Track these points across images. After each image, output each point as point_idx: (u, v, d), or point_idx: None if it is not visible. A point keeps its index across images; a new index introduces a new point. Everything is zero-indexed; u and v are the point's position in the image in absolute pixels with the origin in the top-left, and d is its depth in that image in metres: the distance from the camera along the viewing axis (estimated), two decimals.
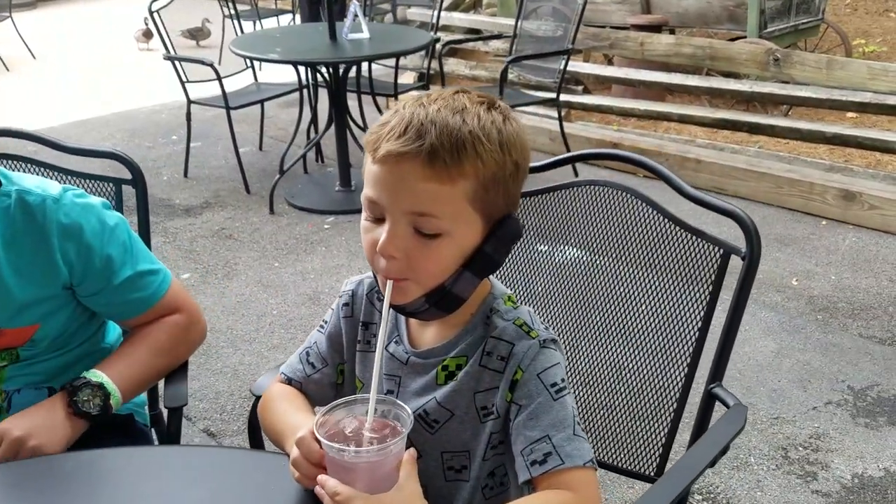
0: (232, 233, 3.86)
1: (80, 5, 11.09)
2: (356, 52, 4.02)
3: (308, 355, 1.16)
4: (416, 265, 0.96)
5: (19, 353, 1.29)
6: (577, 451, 0.97)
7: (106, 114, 5.81)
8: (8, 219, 1.23)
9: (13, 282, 1.23)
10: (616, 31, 5.51)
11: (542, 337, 1.02)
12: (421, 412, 1.04)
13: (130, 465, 1.11)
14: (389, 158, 0.93)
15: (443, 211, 0.94)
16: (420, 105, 0.96)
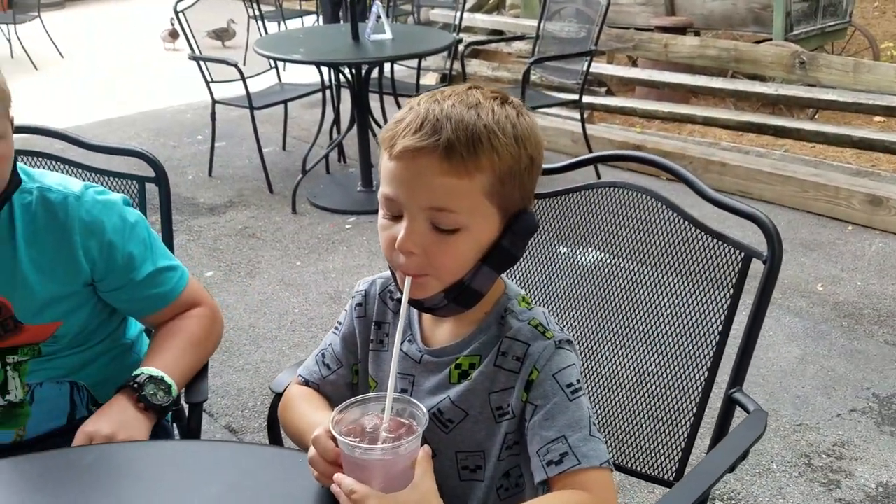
0: (255, 232, 3.89)
1: (108, 5, 11.24)
2: (379, 53, 4.03)
3: (324, 357, 1.17)
4: (435, 261, 0.96)
5: (41, 349, 1.30)
6: (593, 452, 0.96)
7: (132, 113, 5.88)
8: (30, 216, 1.25)
9: (35, 279, 1.25)
10: (640, 33, 5.48)
11: (557, 338, 1.01)
12: (435, 411, 1.04)
13: (151, 458, 1.12)
14: (406, 154, 0.94)
15: (460, 205, 0.94)
16: (435, 101, 0.97)
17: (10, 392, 1.29)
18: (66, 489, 1.04)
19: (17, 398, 1.30)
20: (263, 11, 5.61)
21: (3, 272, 1.24)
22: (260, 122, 4.38)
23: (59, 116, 5.68)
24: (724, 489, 2.18)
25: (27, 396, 1.31)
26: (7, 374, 1.29)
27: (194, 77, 4.42)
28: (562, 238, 1.53)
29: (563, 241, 1.53)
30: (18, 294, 1.25)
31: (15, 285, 1.24)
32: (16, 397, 1.30)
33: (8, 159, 1.20)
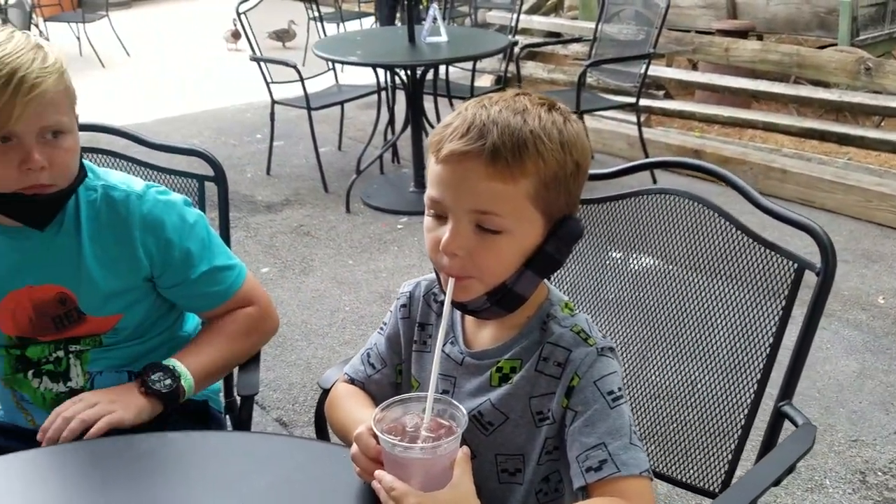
0: (310, 230, 3.96)
1: (173, 5, 11.55)
2: (434, 55, 4.07)
3: (369, 356, 1.19)
4: (479, 263, 0.97)
5: (102, 340, 1.36)
6: (632, 460, 0.96)
7: (195, 111, 6.04)
8: (94, 212, 1.31)
9: (98, 273, 1.30)
10: (700, 36, 5.40)
11: (599, 345, 1.02)
12: (476, 413, 1.05)
13: (202, 448, 1.16)
14: (452, 158, 0.95)
15: (504, 209, 0.95)
16: (482, 106, 0.98)
17: (72, 379, 1.35)
18: (119, 474, 1.08)
19: (77, 385, 1.36)
20: (323, 13, 5.70)
21: (69, 266, 1.30)
22: (317, 122, 4.46)
23: (124, 113, 5.87)
24: (774, 502, 2.14)
25: (87, 383, 1.36)
26: (69, 362, 1.35)
27: (255, 77, 4.52)
28: (614, 243, 1.52)
29: (616, 245, 1.52)
30: (83, 287, 1.30)
31: (80, 279, 1.30)
32: (77, 384, 1.36)
33: (75, 153, 1.26)
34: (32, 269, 1.29)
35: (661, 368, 1.46)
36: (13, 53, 1.15)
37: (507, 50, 4.46)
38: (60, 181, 1.24)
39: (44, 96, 1.16)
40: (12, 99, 1.13)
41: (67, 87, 1.23)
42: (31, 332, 1.32)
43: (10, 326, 1.31)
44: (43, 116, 1.18)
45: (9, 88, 1.13)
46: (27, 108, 1.14)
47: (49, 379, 1.35)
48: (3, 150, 1.17)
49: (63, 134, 1.22)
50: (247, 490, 1.03)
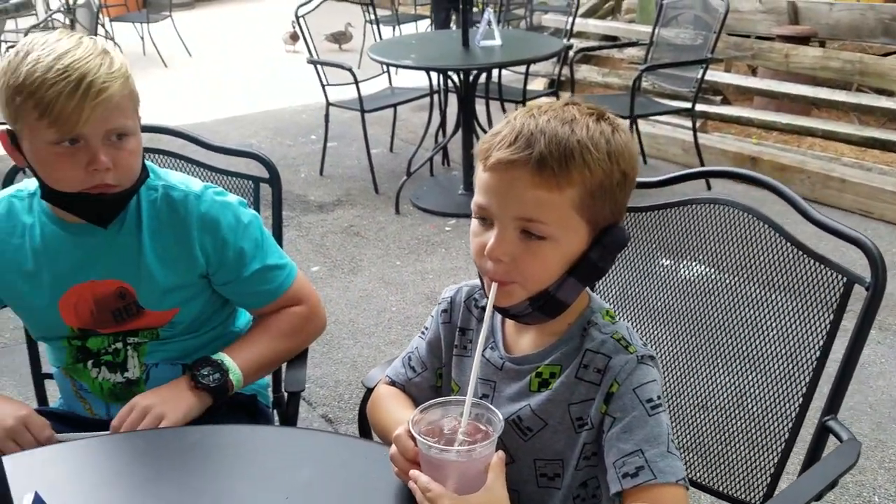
0: (359, 230, 4.02)
1: (235, 6, 11.80)
2: (487, 59, 4.09)
3: (410, 360, 1.22)
4: (523, 269, 0.99)
5: (159, 333, 1.41)
6: (669, 468, 0.97)
7: (253, 112, 6.18)
8: (154, 211, 1.36)
9: (157, 269, 1.36)
10: (760, 42, 5.30)
11: (639, 352, 1.02)
12: (515, 418, 1.07)
13: (248, 441, 1.20)
14: (499, 166, 0.97)
15: (549, 217, 0.97)
16: (531, 116, 1.00)
17: (129, 370, 1.41)
18: (169, 464, 1.13)
19: (134, 376, 1.41)
20: (379, 16, 5.77)
21: (130, 262, 1.35)
22: (370, 123, 4.52)
23: (185, 113, 6.04)
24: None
25: (143, 375, 1.42)
26: (127, 354, 1.41)
27: (312, 79, 4.60)
28: (664, 250, 1.52)
29: (666, 253, 1.52)
30: (142, 282, 1.36)
31: (139, 274, 1.36)
32: (133, 375, 1.41)
33: (138, 154, 1.31)
34: (95, 264, 1.35)
35: (706, 378, 1.45)
36: (82, 59, 1.20)
37: (562, 53, 4.45)
38: (124, 181, 1.29)
39: (110, 100, 1.21)
40: (81, 103, 1.18)
41: (132, 90, 1.28)
42: (92, 324, 1.38)
43: (73, 319, 1.38)
44: (109, 120, 1.23)
45: (78, 92, 1.18)
46: (95, 111, 1.20)
47: (107, 369, 1.41)
48: (72, 151, 1.23)
49: (127, 136, 1.27)
50: (289, 483, 1.06)
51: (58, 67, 1.18)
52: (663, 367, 1.50)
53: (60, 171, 1.24)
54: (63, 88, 1.17)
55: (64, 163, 1.23)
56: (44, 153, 1.23)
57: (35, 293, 1.36)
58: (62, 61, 1.19)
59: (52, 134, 1.20)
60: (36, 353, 1.67)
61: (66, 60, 1.19)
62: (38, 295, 1.36)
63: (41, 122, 1.19)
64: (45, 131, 1.20)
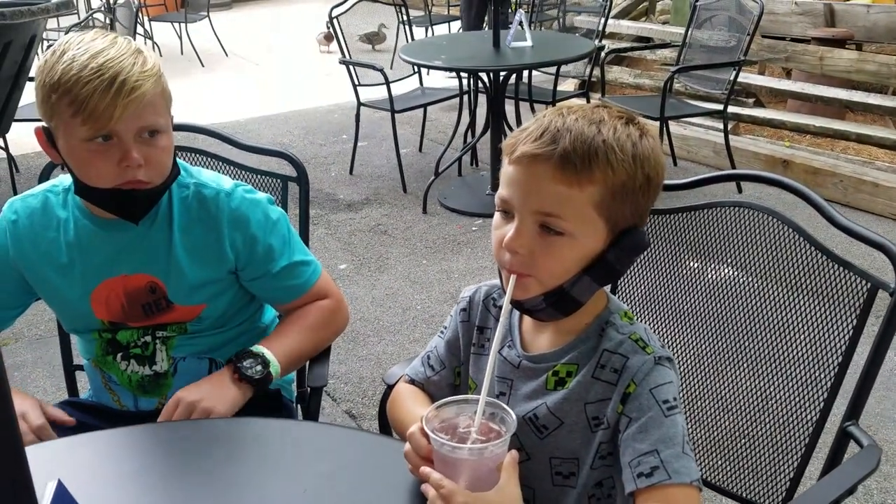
0: (387, 229, 4.05)
1: (272, 7, 11.92)
2: (517, 60, 4.08)
3: (429, 359, 1.23)
4: (539, 263, 1.00)
5: (188, 327, 1.45)
6: (684, 469, 0.97)
7: (286, 111, 6.24)
8: (185, 207, 1.40)
9: (187, 265, 1.39)
10: (794, 44, 5.23)
11: (656, 353, 1.03)
12: (531, 416, 1.08)
13: (270, 434, 1.22)
14: (524, 159, 0.99)
15: (568, 213, 0.98)
16: (559, 115, 1.01)
17: (157, 363, 1.45)
18: (194, 454, 1.16)
19: (161, 369, 1.45)
20: (412, 17, 5.80)
21: (160, 258, 1.39)
22: (400, 123, 4.54)
23: (221, 111, 6.12)
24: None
25: (171, 368, 1.45)
26: (156, 347, 1.44)
27: (344, 79, 4.64)
28: (690, 252, 1.52)
29: (691, 255, 1.52)
30: (172, 277, 1.39)
31: (169, 269, 1.39)
32: (161, 368, 1.45)
33: (170, 152, 1.34)
34: (126, 259, 1.39)
35: (729, 380, 1.45)
36: (116, 58, 1.24)
37: (593, 54, 4.43)
38: (155, 178, 1.32)
39: (142, 98, 1.25)
40: (114, 100, 1.22)
41: (164, 89, 1.32)
42: (123, 318, 1.42)
43: (104, 312, 1.41)
44: (141, 117, 1.26)
45: (111, 90, 1.21)
46: (127, 108, 1.23)
47: (136, 362, 1.45)
48: (105, 147, 1.26)
49: (159, 134, 1.30)
50: (308, 476, 1.08)
51: (92, 66, 1.21)
52: (687, 369, 1.50)
53: (93, 167, 1.28)
54: (97, 86, 1.21)
55: (97, 159, 1.26)
56: (78, 150, 1.27)
57: (68, 286, 1.40)
58: (96, 60, 1.22)
59: (86, 131, 1.24)
60: (68, 345, 1.72)
61: (100, 59, 1.22)
62: (70, 288, 1.40)
63: (75, 120, 1.23)
64: (78, 128, 1.24)
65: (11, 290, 1.44)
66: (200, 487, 1.08)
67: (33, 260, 1.40)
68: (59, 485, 0.71)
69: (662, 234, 1.54)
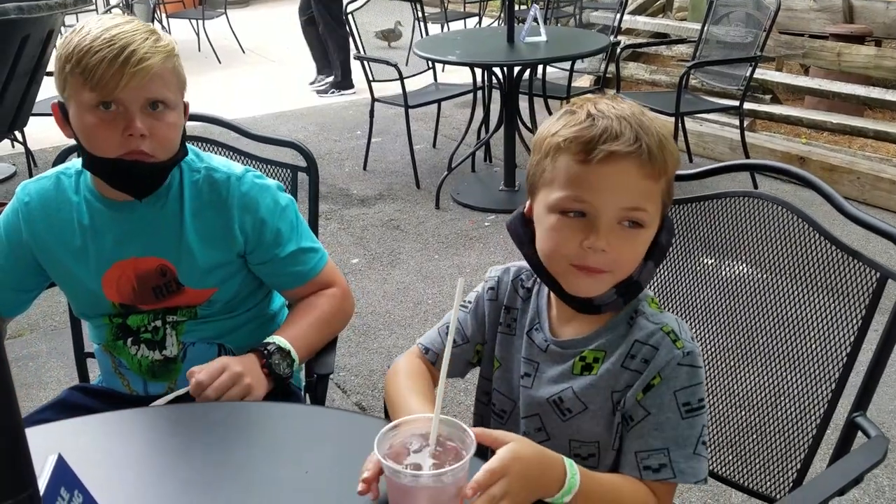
0: (399, 224, 4.05)
1: (288, 4, 11.93)
2: (531, 55, 4.08)
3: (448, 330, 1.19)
4: (619, 257, 1.00)
5: (198, 311, 1.46)
6: (690, 470, 0.99)
7: (302, 107, 6.27)
8: (196, 191, 1.41)
9: (198, 248, 1.40)
10: (811, 40, 5.19)
11: (686, 349, 1.03)
12: (556, 399, 1.08)
13: (274, 418, 1.24)
14: (611, 158, 0.97)
15: (648, 205, 1.00)
16: (611, 107, 1.01)
17: (167, 348, 1.46)
18: (198, 438, 1.17)
19: (171, 354, 1.46)
20: (428, 14, 5.81)
21: (171, 240, 1.40)
22: (414, 119, 4.55)
23: (237, 107, 6.15)
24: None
25: (181, 353, 1.46)
26: (166, 332, 1.45)
27: (358, 76, 4.65)
28: (703, 247, 1.52)
29: (704, 249, 1.52)
30: (182, 260, 1.41)
31: (180, 252, 1.40)
32: (171, 353, 1.46)
33: (177, 129, 1.35)
34: (137, 241, 1.40)
35: (736, 373, 1.44)
36: (128, 32, 1.27)
37: (608, 50, 4.41)
38: (159, 153, 1.33)
39: (150, 70, 1.27)
40: (121, 69, 1.25)
41: (176, 67, 1.33)
42: (134, 300, 1.43)
43: (115, 294, 1.43)
44: (148, 88, 1.28)
45: (119, 59, 1.24)
46: (134, 78, 1.25)
47: (146, 347, 1.46)
48: (111, 116, 1.28)
49: (166, 109, 1.32)
50: (310, 459, 1.09)
51: (104, 37, 1.25)
52: None
53: (99, 135, 1.30)
54: (106, 55, 1.24)
55: (102, 127, 1.29)
56: (86, 117, 1.29)
57: (80, 268, 1.42)
58: (109, 32, 1.26)
59: (93, 97, 1.27)
60: (79, 331, 1.74)
61: (112, 31, 1.26)
62: (82, 270, 1.42)
63: (84, 87, 1.26)
64: (86, 95, 1.27)
65: (26, 272, 1.46)
66: (200, 470, 1.09)
67: (46, 242, 1.42)
68: (59, 458, 0.72)
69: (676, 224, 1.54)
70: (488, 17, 8.32)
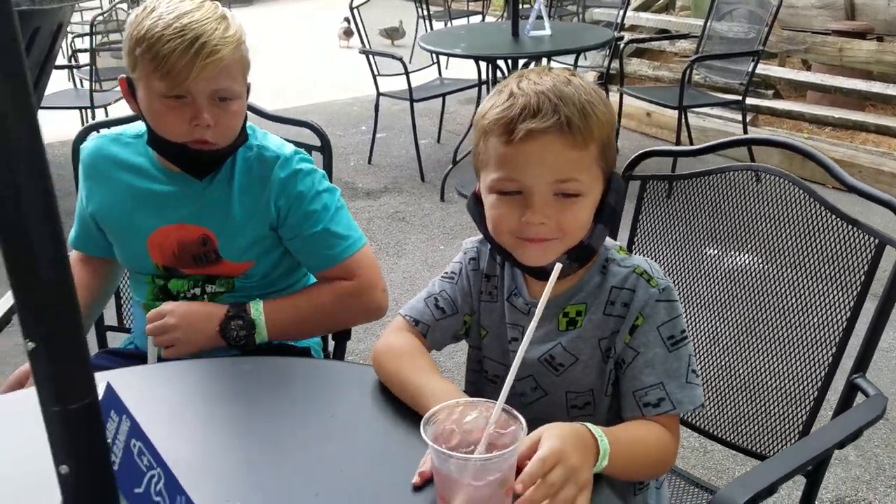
0: (405, 216, 4.10)
1: (292, 3, 12.03)
2: (535, 48, 4.12)
3: (437, 301, 1.19)
4: (563, 226, 1.03)
5: (235, 283, 1.49)
6: (687, 398, 1.04)
7: (306, 104, 6.32)
8: (246, 167, 1.45)
9: (241, 222, 1.44)
10: (813, 36, 5.23)
11: (661, 286, 1.07)
12: (547, 357, 1.12)
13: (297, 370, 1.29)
14: (531, 136, 1.00)
15: (581, 174, 1.02)
16: (532, 83, 1.03)
17: None
18: (222, 389, 1.23)
19: None
20: (432, 12, 5.86)
21: (218, 212, 1.44)
22: (418, 115, 4.59)
23: None
24: (854, 497, 2.09)
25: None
26: (203, 301, 1.48)
27: (363, 74, 4.69)
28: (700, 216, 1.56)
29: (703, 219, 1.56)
30: (225, 233, 1.44)
31: (223, 224, 1.44)
32: None
33: (240, 117, 1.41)
34: (185, 209, 1.44)
35: (738, 339, 1.48)
36: (199, 21, 1.30)
37: (611, 45, 4.45)
38: (222, 140, 1.38)
39: (220, 62, 1.31)
40: (193, 61, 1.28)
41: (243, 56, 1.38)
42: (175, 263, 1.47)
43: (158, 256, 1.48)
44: (216, 80, 1.33)
45: (191, 51, 1.28)
46: (204, 70, 1.29)
47: None
48: (179, 105, 1.33)
49: (231, 99, 1.37)
50: (335, 405, 1.14)
51: (176, 26, 1.28)
52: (697, 326, 1.54)
53: (166, 122, 1.35)
54: (178, 45, 1.27)
55: (170, 115, 1.33)
56: (154, 103, 1.34)
57: (129, 227, 1.46)
58: (181, 21, 1.29)
59: (163, 86, 1.31)
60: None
61: (184, 20, 1.29)
62: (131, 229, 1.46)
63: (155, 74, 1.30)
64: (157, 83, 1.31)
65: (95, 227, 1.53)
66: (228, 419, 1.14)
67: (101, 199, 1.48)
68: (108, 386, 0.75)
69: (679, 199, 1.58)
70: (491, 15, 8.38)
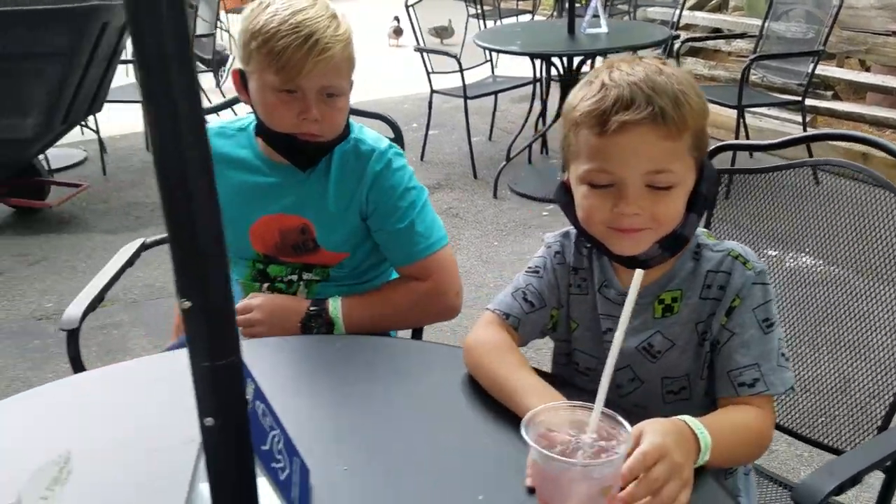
0: (458, 212, 4.12)
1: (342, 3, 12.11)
2: (591, 46, 4.11)
3: (525, 295, 1.20)
4: (657, 216, 1.04)
5: (330, 273, 1.53)
6: (780, 380, 1.06)
7: (357, 101, 6.15)
8: (343, 160, 1.49)
9: (337, 213, 1.48)
10: (874, 37, 5.12)
11: (757, 269, 1.09)
12: (645, 345, 1.13)
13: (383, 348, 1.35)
14: (625, 128, 1.00)
15: (675, 165, 1.03)
16: (624, 73, 1.03)
17: None
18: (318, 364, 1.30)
19: None
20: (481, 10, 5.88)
21: (316, 203, 1.48)
22: (470, 114, 4.62)
23: None
24: None
25: None
26: (299, 287, 1.54)
27: (413, 72, 4.73)
28: (771, 215, 1.55)
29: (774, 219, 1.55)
30: (323, 223, 1.49)
31: (320, 214, 1.48)
32: None
33: (345, 112, 1.45)
34: (286, 200, 1.49)
35: (815, 330, 1.47)
36: (313, 18, 1.35)
37: (667, 44, 4.42)
38: (328, 134, 1.43)
39: (330, 59, 1.36)
40: (306, 57, 1.33)
41: (350, 54, 1.43)
42: (275, 252, 1.53)
43: (259, 244, 1.53)
44: (326, 77, 1.37)
45: (305, 47, 1.33)
46: (316, 67, 1.34)
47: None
48: (290, 98, 1.38)
49: (338, 96, 1.42)
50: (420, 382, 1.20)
51: (291, 22, 1.33)
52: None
53: (276, 114, 1.40)
54: (292, 41, 1.32)
55: (280, 107, 1.39)
56: (266, 95, 1.39)
57: (235, 216, 1.50)
58: (296, 17, 1.34)
59: (277, 81, 1.36)
60: None
61: (299, 17, 1.34)
62: (237, 218, 1.50)
63: (269, 69, 1.35)
64: (270, 77, 1.36)
65: None
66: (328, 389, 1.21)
67: None
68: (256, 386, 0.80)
69: (746, 194, 1.57)
70: (541, 14, 8.36)
